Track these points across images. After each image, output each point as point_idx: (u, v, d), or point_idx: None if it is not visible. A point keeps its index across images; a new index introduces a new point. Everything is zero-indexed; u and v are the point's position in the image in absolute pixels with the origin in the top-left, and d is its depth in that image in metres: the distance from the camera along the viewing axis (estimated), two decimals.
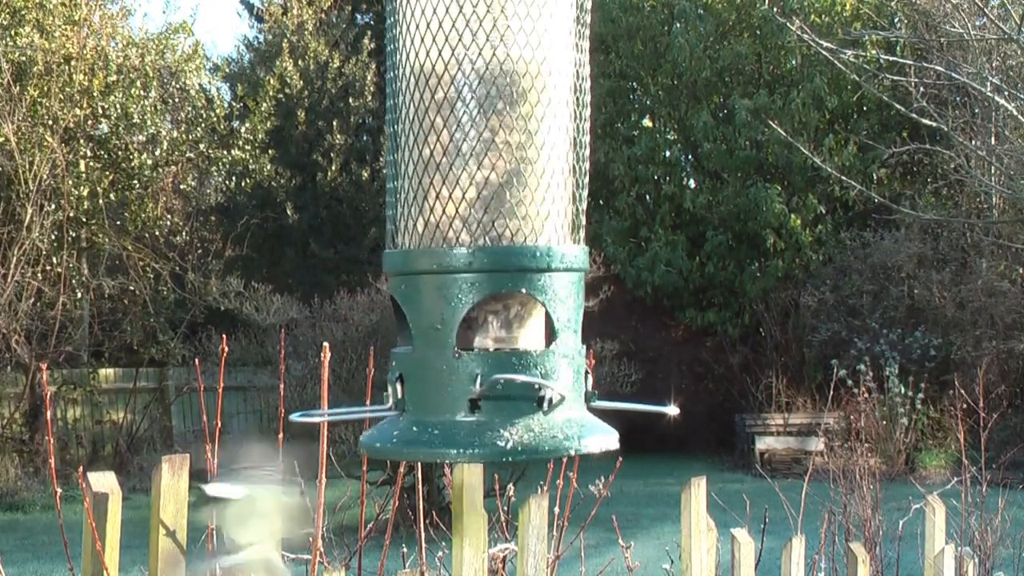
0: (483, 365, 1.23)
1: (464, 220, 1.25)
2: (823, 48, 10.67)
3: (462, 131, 1.25)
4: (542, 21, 1.26)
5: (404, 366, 1.27)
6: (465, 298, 1.23)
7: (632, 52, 15.56)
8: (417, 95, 1.26)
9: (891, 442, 12.39)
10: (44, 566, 8.23)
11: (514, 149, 1.25)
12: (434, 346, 1.24)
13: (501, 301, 1.27)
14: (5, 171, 12.47)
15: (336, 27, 16.97)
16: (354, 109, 16.28)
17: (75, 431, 13.41)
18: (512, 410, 1.23)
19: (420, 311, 1.25)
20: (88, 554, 1.80)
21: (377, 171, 16.43)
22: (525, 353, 1.25)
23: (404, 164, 1.29)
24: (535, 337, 1.30)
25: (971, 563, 3.33)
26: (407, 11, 1.28)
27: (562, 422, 1.24)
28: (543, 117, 1.27)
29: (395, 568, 2.51)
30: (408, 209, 1.28)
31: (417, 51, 1.26)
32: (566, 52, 1.29)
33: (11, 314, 12.06)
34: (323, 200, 16.06)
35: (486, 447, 1.21)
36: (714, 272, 14.82)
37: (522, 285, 1.24)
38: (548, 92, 1.27)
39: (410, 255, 1.27)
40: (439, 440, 1.23)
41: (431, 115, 1.26)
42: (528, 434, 1.22)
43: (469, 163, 1.25)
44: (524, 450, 1.21)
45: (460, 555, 2.08)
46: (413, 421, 1.26)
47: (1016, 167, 12.37)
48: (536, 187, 1.26)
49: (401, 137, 1.29)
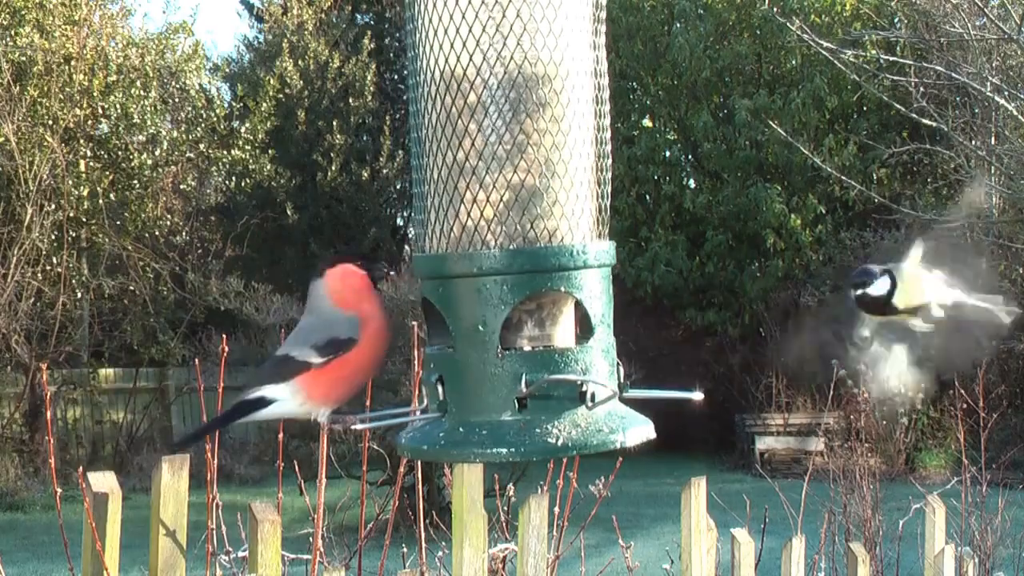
0: (527, 364, 1.25)
1: (501, 222, 1.26)
2: (823, 48, 10.66)
3: (496, 134, 1.26)
4: (565, 21, 1.28)
5: (444, 367, 1.28)
6: (506, 299, 1.25)
7: (632, 52, 15.55)
8: (448, 99, 1.27)
9: (891, 442, 12.40)
10: (44, 566, 8.22)
11: (547, 150, 1.27)
12: (477, 348, 1.25)
13: (535, 300, 1.29)
14: (5, 171, 12.47)
15: (336, 27, 16.96)
16: (354, 109, 16.27)
17: (75, 431, 13.41)
18: (557, 407, 1.25)
19: (460, 314, 1.26)
20: (88, 554, 1.80)
21: (377, 171, 16.42)
22: (566, 350, 1.27)
23: (433, 169, 1.29)
24: (567, 333, 1.32)
25: (971, 563, 3.33)
26: (429, 16, 1.28)
27: (604, 416, 1.26)
28: (571, 116, 1.29)
29: (395, 568, 2.51)
30: (442, 214, 1.29)
31: (446, 55, 1.27)
32: (587, 51, 1.31)
33: (11, 314, 12.06)
34: (323, 200, 16.06)
35: (537, 445, 1.22)
36: (714, 272, 14.82)
37: (560, 284, 1.26)
38: (575, 91, 1.29)
39: (447, 259, 1.28)
40: (489, 440, 1.24)
41: (464, 119, 1.26)
42: (575, 430, 1.24)
43: (504, 166, 1.26)
44: (573, 445, 1.23)
45: (460, 555, 2.08)
46: (459, 422, 1.26)
47: (1016, 167, 12.37)
48: (569, 186, 1.28)
49: (428, 143, 1.30)
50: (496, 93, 1.25)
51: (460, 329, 1.26)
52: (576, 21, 1.29)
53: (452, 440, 1.25)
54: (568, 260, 1.26)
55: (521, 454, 1.22)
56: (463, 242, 1.27)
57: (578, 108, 1.29)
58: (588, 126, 1.31)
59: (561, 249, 1.26)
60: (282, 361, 1.38)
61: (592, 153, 1.31)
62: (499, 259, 1.24)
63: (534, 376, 1.23)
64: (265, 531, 1.89)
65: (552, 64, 1.26)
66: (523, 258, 1.24)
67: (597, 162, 1.32)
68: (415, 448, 1.29)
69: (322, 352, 1.36)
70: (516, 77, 1.25)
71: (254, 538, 1.89)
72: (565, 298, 1.28)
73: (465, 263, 1.26)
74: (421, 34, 1.29)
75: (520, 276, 1.24)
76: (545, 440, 1.22)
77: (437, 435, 1.27)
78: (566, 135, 1.27)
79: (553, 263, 1.25)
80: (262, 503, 1.93)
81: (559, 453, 1.23)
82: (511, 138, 1.25)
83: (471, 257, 1.25)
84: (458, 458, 1.35)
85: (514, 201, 1.26)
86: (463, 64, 1.26)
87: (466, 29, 1.25)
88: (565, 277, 1.26)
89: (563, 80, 1.27)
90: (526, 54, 1.25)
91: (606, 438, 1.24)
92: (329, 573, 1.96)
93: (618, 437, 1.24)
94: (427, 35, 1.28)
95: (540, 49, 1.26)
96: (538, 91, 1.26)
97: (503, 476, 6.36)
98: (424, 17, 1.29)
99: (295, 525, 2.83)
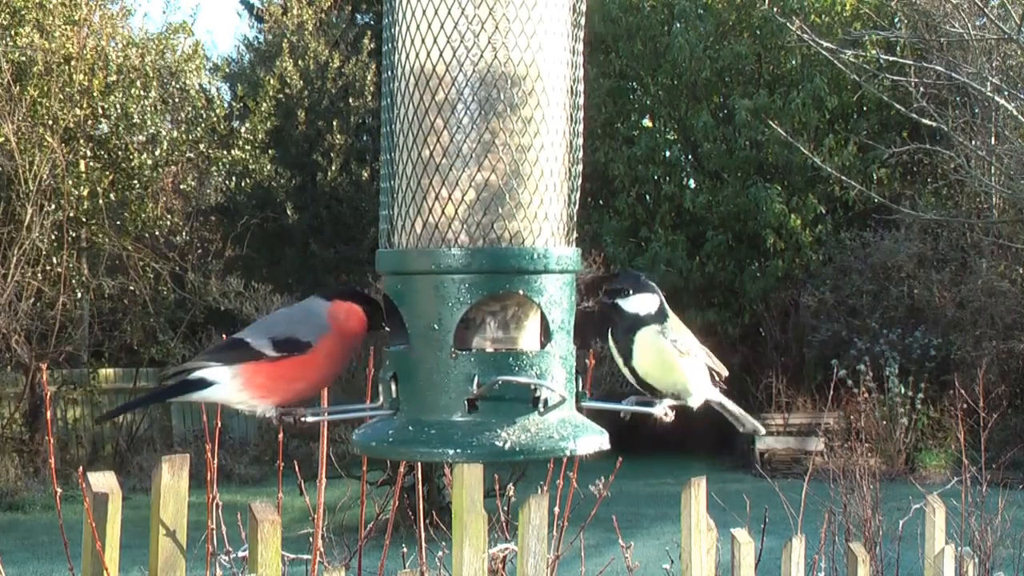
0: (480, 366, 1.23)
1: (463, 221, 1.25)
2: (823, 48, 10.66)
3: (463, 132, 1.25)
4: (540, 24, 1.27)
5: (399, 365, 1.27)
6: (463, 299, 1.23)
7: (632, 52, 15.55)
8: (417, 96, 1.27)
9: (891, 442, 12.39)
10: (44, 566, 8.22)
11: (514, 151, 1.26)
12: (431, 346, 1.24)
13: (499, 302, 1.28)
14: (5, 171, 12.47)
15: (336, 27, 16.96)
16: (354, 109, 16.27)
17: (75, 431, 13.40)
18: (509, 411, 1.24)
19: (417, 311, 1.26)
20: (88, 554, 1.80)
21: (377, 171, 16.39)
22: (521, 354, 1.26)
23: (401, 164, 1.29)
24: (532, 338, 1.30)
25: (971, 563, 3.33)
26: (406, 12, 1.28)
27: (557, 423, 1.25)
28: (542, 119, 1.28)
29: (395, 568, 2.51)
30: (405, 209, 1.28)
31: (418, 52, 1.26)
32: (563, 54, 1.30)
33: (11, 314, 12.06)
34: (323, 200, 16.06)
35: (483, 447, 1.21)
36: (714, 272, 14.82)
37: (519, 286, 1.25)
38: (546, 94, 1.28)
39: (407, 255, 1.27)
40: (436, 440, 1.23)
41: (431, 116, 1.26)
42: (525, 434, 1.23)
43: (469, 164, 1.25)
44: (521, 450, 1.22)
45: (460, 555, 2.08)
46: (409, 420, 1.26)
47: (1016, 167, 12.36)
48: (534, 189, 1.27)
49: (398, 137, 1.29)
50: (465, 91, 1.24)
51: (416, 327, 1.25)
52: (552, 25, 1.28)
53: (400, 438, 1.25)
54: (528, 263, 1.24)
55: (467, 456, 1.22)
56: (424, 239, 1.26)
57: (549, 112, 1.28)
58: (559, 130, 1.29)
59: (522, 251, 1.24)
60: (234, 344, 1.34)
61: (562, 158, 1.30)
62: (458, 258, 1.23)
63: (487, 378, 1.22)
64: (265, 531, 1.88)
65: (523, 66, 1.26)
66: (482, 258, 1.23)
67: (567, 168, 1.31)
68: (365, 444, 1.29)
69: (278, 347, 1.32)
70: (486, 76, 1.25)
71: (254, 538, 1.89)
72: (529, 302, 1.27)
73: (424, 260, 1.25)
74: (396, 29, 1.29)
75: (478, 276, 1.23)
76: (493, 443, 1.21)
77: (387, 432, 1.26)
78: (534, 137, 1.26)
79: (512, 265, 1.24)
80: (262, 503, 1.93)
81: (506, 457, 1.21)
82: (478, 137, 1.24)
83: (429, 254, 1.25)
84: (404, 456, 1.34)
85: (477, 200, 1.25)
86: (433, 60, 1.25)
87: (438, 25, 1.24)
88: (524, 280, 1.24)
89: (534, 83, 1.26)
90: (497, 54, 1.24)
91: (555, 444, 1.23)
92: (329, 573, 1.96)
93: (568, 445, 1.23)
94: (402, 30, 1.28)
95: (511, 49, 1.25)
96: (508, 92, 1.25)
97: (503, 476, 6.36)
98: (400, 12, 1.28)
99: (295, 525, 2.83)
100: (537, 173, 1.27)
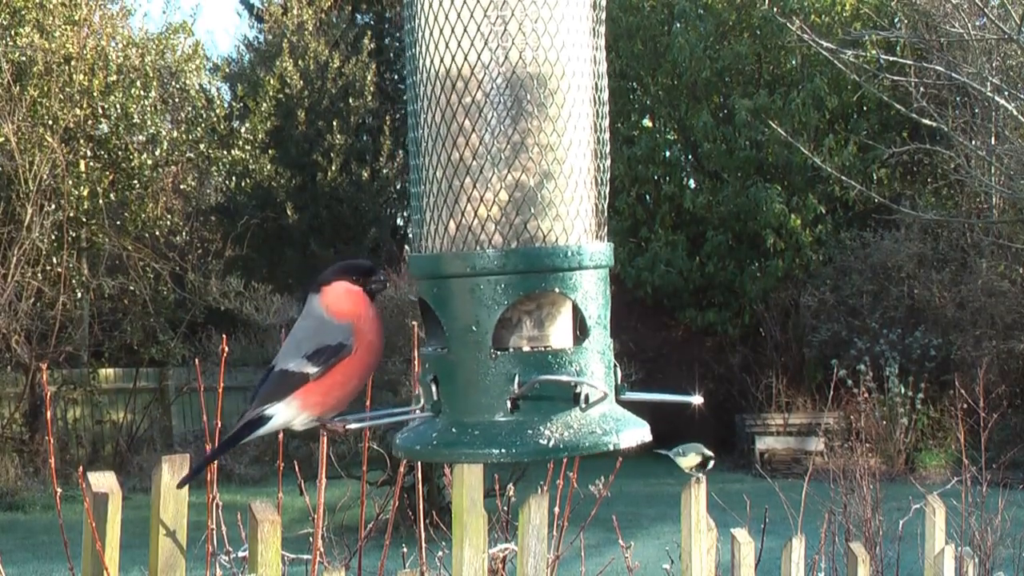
0: (520, 365, 1.24)
1: (496, 222, 1.26)
2: (823, 48, 10.66)
3: (492, 134, 1.25)
4: (562, 22, 1.27)
5: (438, 368, 1.28)
6: (500, 300, 1.24)
7: (632, 52, 15.55)
8: (444, 99, 1.27)
9: (891, 442, 12.39)
10: (44, 566, 8.22)
11: (544, 150, 1.27)
12: (470, 348, 1.25)
13: (535, 300, 1.29)
14: (5, 171, 12.47)
15: (336, 27, 16.96)
16: (354, 109, 16.28)
17: (75, 431, 13.40)
18: (550, 408, 1.25)
19: (454, 314, 1.26)
20: (88, 554, 1.80)
21: (377, 171, 16.43)
22: (560, 351, 1.27)
23: (432, 168, 1.29)
24: (564, 334, 1.31)
25: (971, 563, 3.33)
26: (428, 15, 1.28)
27: (599, 417, 1.26)
28: (569, 117, 1.29)
29: (395, 568, 2.51)
30: (437, 213, 1.29)
31: (442, 56, 1.27)
32: (586, 50, 1.31)
33: (11, 314, 12.06)
34: (323, 200, 16.06)
35: (527, 446, 1.22)
36: (714, 272, 14.82)
37: (555, 285, 1.26)
38: (573, 92, 1.29)
39: (442, 259, 1.28)
40: (480, 441, 1.24)
41: (459, 119, 1.26)
42: (567, 431, 1.24)
43: (500, 166, 1.26)
44: (565, 447, 1.23)
45: (460, 555, 2.08)
46: (452, 423, 1.26)
47: (1016, 167, 12.36)
48: (565, 187, 1.28)
49: (426, 142, 1.30)
50: (493, 93, 1.25)
51: (454, 330, 1.26)
52: (574, 22, 1.28)
53: (445, 440, 1.25)
54: (563, 261, 1.25)
55: (512, 455, 1.22)
56: (458, 242, 1.27)
57: (576, 109, 1.29)
58: (586, 127, 1.31)
59: (556, 250, 1.25)
60: (281, 376, 1.38)
61: (590, 154, 1.31)
62: (493, 259, 1.24)
63: (527, 377, 1.22)
64: (265, 531, 1.89)
65: (548, 64, 1.26)
66: (517, 258, 1.24)
67: (596, 163, 1.32)
68: (409, 448, 1.29)
69: (314, 361, 1.36)
70: (513, 77, 1.25)
71: (254, 538, 1.89)
72: (563, 299, 1.28)
73: (459, 263, 1.25)
74: (420, 33, 1.29)
75: (514, 276, 1.24)
76: (536, 441, 1.22)
77: (430, 435, 1.27)
78: (562, 136, 1.27)
79: (547, 264, 1.25)
80: (262, 503, 1.93)
81: (550, 454, 1.22)
82: (507, 138, 1.25)
83: (464, 257, 1.25)
84: (449, 458, 1.35)
85: (509, 201, 1.25)
86: (458, 63, 1.25)
87: (461, 29, 1.25)
88: (560, 278, 1.25)
89: (560, 81, 1.27)
90: (522, 54, 1.25)
91: (599, 440, 1.23)
92: (329, 573, 1.96)
93: (611, 439, 1.24)
94: (425, 35, 1.28)
95: (537, 49, 1.25)
96: (535, 91, 1.26)
97: (503, 476, 6.36)
98: (422, 16, 1.29)
99: (295, 525, 2.83)
100: (567, 171, 1.28)
